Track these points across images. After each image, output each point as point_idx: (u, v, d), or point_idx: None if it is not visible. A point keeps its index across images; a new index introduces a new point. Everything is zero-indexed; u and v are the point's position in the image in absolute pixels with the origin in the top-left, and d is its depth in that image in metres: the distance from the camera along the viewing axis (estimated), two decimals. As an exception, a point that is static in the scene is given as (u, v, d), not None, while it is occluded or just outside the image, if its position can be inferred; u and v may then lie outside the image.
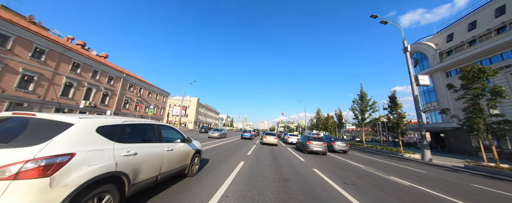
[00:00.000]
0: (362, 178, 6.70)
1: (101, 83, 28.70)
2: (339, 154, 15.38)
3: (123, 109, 33.31)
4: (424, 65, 34.44)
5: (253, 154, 10.73)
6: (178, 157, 4.24)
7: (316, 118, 48.41)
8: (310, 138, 14.50)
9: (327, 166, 8.93)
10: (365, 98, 24.95)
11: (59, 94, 22.73)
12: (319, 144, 13.89)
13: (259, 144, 18.27)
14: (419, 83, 15.46)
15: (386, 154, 17.65)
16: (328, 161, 10.57)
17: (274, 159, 9.77)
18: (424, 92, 35.11)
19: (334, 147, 15.43)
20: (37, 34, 20.24)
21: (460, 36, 27.97)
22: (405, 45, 16.71)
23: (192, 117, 75.97)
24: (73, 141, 2.13)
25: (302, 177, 6.21)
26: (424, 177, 7.97)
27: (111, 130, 2.69)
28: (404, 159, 15.25)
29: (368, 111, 24.42)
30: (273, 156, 10.67)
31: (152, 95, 42.29)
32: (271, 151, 13.08)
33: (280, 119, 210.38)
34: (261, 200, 3.84)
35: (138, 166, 2.87)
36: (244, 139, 25.04)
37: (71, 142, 2.10)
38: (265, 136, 18.30)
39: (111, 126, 2.75)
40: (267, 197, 4.02)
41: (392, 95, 18.63)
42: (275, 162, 8.78)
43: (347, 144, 15.60)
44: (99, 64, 28.12)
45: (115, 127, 2.81)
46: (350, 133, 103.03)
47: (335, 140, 15.88)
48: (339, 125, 32.82)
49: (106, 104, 29.71)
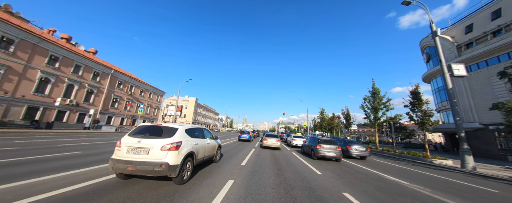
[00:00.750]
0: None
1: (85, 80, 26.02)
2: (356, 160, 12.60)
3: (111, 108, 30.59)
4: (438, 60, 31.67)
5: (249, 165, 7.95)
6: (211, 147, 7.05)
7: (320, 118, 45.49)
8: (320, 140, 11.76)
9: (357, 183, 6.17)
10: (378, 95, 22.14)
11: (32, 90, 20.04)
12: (332, 148, 11.15)
13: (258, 148, 15.50)
14: (454, 74, 12.70)
15: (410, 160, 14.84)
16: (351, 173, 7.81)
17: (279, 171, 7.01)
18: (438, 90, 32.32)
19: (351, 152, 12.59)
20: (4, 21, 17.57)
21: (481, 27, 25.22)
22: (434, 29, 13.98)
23: (190, 117, 73.21)
24: (180, 136, 4.85)
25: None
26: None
27: (189, 131, 5.57)
28: (437, 166, 12.45)
29: (381, 110, 21.60)
30: (277, 167, 7.90)
31: (145, 94, 39.60)
32: (273, 158, 10.31)
33: (281, 120, 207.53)
34: None
35: (198, 150, 5.66)
36: (242, 141, 22.25)
37: (179, 136, 4.82)
38: (266, 138, 15.54)
39: (188, 129, 5.63)
40: None
41: (414, 90, 15.81)
42: (281, 178, 6.02)
43: (367, 148, 12.76)
44: (82, 59, 25.44)
45: (190, 129, 5.71)
46: (353, 134, 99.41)
47: (351, 143, 13.06)
48: (347, 125, 29.94)
49: (91, 102, 27.02)
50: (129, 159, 4.18)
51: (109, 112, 30.25)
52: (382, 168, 10.12)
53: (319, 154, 11.05)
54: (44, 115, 21.14)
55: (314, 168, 8.19)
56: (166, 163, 4.14)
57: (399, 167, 11.09)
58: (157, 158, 4.21)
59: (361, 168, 9.36)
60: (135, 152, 4.28)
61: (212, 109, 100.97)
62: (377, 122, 21.77)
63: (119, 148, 4.40)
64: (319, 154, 11.03)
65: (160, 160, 4.16)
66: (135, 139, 4.44)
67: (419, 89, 16.04)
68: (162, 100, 46.85)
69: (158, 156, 4.22)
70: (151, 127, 4.91)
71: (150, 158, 4.19)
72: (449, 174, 9.88)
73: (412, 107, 15.95)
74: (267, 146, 15.20)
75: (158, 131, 4.76)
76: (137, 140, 4.42)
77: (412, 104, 15.89)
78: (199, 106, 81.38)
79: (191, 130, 5.73)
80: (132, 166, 4.06)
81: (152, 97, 42.46)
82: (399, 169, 10.16)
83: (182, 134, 4.98)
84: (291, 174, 6.67)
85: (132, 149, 4.31)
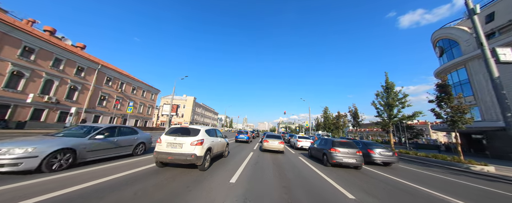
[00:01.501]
0: None
1: (67, 75, 23.58)
2: (379, 167, 10.14)
3: (98, 107, 28.15)
4: (454, 53, 29.14)
5: (241, 183, 5.45)
6: (222, 144, 8.65)
7: (323, 117, 42.93)
8: (334, 143, 9.34)
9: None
10: (393, 91, 19.70)
11: (1, 85, 17.63)
12: (350, 152, 8.76)
13: (257, 151, 13.06)
14: (500, 60, 10.22)
15: (441, 165, 12.35)
16: (396, 193, 5.38)
17: (287, 195, 4.56)
18: (454, 86, 29.64)
19: (373, 157, 10.03)
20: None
21: (505, 15, 22.78)
22: (470, 6, 11.49)
23: (187, 117, 70.82)
24: (202, 135, 6.39)
25: None
26: None
27: (207, 131, 7.06)
28: (481, 175, 10.00)
29: (396, 106, 19.15)
30: (284, 184, 5.45)
31: (137, 92, 37.17)
32: (277, 168, 7.83)
33: (281, 120, 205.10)
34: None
35: (214, 146, 7.14)
36: (239, 142, 19.78)
37: (202, 135, 6.37)
38: (267, 139, 13.06)
39: (207, 129, 7.10)
40: None
41: (442, 83, 13.35)
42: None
43: (394, 153, 10.23)
44: (64, 52, 22.99)
45: (208, 130, 7.22)
46: (354, 134, 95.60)
47: (372, 146, 10.54)
48: (355, 125, 27.45)
49: (75, 100, 24.59)
50: (169, 151, 5.84)
51: (96, 111, 27.82)
52: (422, 180, 7.66)
53: (334, 160, 8.64)
54: (14, 113, 18.72)
55: (337, 185, 5.72)
56: (195, 154, 5.78)
57: (443, 178, 8.61)
58: (188, 150, 5.83)
59: (400, 183, 6.89)
60: (172, 147, 5.94)
61: (211, 108, 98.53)
62: (392, 121, 19.30)
63: (160, 143, 6.01)
64: (334, 160, 8.62)
65: (190, 152, 5.80)
66: (172, 137, 6.06)
67: (448, 82, 13.58)
68: (157, 99, 44.37)
69: (188, 149, 5.85)
70: (181, 128, 6.55)
71: (183, 151, 5.84)
72: (509, 187, 7.43)
73: (439, 102, 13.50)
74: (268, 149, 12.75)
75: (187, 131, 6.40)
76: (173, 137, 6.05)
77: (439, 98, 13.43)
78: (197, 105, 78.97)
79: (208, 131, 7.35)
80: (171, 156, 5.74)
81: (146, 96, 40.03)
82: (446, 182, 7.70)
83: (203, 133, 6.59)
84: (306, 200, 4.21)
85: (170, 144, 5.96)
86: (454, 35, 28.75)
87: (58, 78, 22.55)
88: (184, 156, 5.63)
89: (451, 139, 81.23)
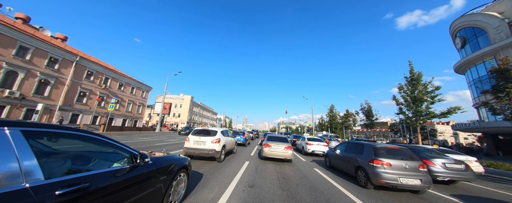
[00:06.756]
0: None
1: (36, 67, 20.29)
2: (443, 186, 6.74)
3: (77, 104, 24.82)
4: (480, 43, 25.70)
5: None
6: (232, 143, 10.48)
7: (329, 116, 39.33)
8: (379, 150, 5.94)
9: None
10: (420, 82, 16.29)
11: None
12: (410, 167, 5.45)
13: (255, 159, 9.65)
14: None
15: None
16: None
17: None
18: (476, 82, 26.11)
19: (434, 171, 6.39)
20: None
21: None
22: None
23: (184, 116, 67.44)
24: (219, 135, 8.30)
25: None
26: None
27: (222, 132, 8.82)
28: None
29: (426, 101, 15.74)
30: None
31: (125, 89, 33.84)
32: (287, 199, 4.46)
33: (281, 120, 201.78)
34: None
35: (227, 143, 8.97)
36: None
37: (219, 135, 8.27)
38: (268, 143, 9.39)
39: (222, 131, 8.91)
40: None
41: (502, 67, 9.97)
42: None
43: (467, 166, 6.66)
44: (31, 39, 19.69)
45: (222, 131, 8.96)
46: (355, 134, 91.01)
47: (430, 155, 7.05)
48: (369, 124, 23.99)
49: (46, 96, 21.28)
50: (196, 147, 7.74)
51: (74, 108, 24.49)
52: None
53: (382, 181, 5.22)
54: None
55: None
56: (215, 149, 7.61)
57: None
58: (210, 147, 7.66)
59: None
60: (198, 144, 7.82)
61: (210, 108, 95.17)
62: (420, 119, 15.88)
63: (188, 141, 7.95)
64: (383, 180, 5.21)
65: (211, 148, 7.64)
66: (197, 137, 7.99)
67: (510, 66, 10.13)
68: (148, 97, 41.01)
69: (210, 146, 7.68)
70: (204, 130, 8.49)
71: (206, 147, 7.69)
72: None
73: (497, 93, 10.10)
74: (271, 156, 9.13)
75: (208, 132, 8.30)
76: (198, 137, 7.97)
77: (497, 88, 10.01)
78: (195, 105, 75.61)
79: (223, 131, 8.99)
80: (198, 151, 7.58)
81: (136, 93, 36.69)
82: None
83: (220, 134, 8.39)
84: None
85: (196, 142, 7.88)
86: (480, 23, 25.32)
87: (24, 70, 19.25)
88: (207, 151, 7.53)
89: (468, 140, 77.19)
